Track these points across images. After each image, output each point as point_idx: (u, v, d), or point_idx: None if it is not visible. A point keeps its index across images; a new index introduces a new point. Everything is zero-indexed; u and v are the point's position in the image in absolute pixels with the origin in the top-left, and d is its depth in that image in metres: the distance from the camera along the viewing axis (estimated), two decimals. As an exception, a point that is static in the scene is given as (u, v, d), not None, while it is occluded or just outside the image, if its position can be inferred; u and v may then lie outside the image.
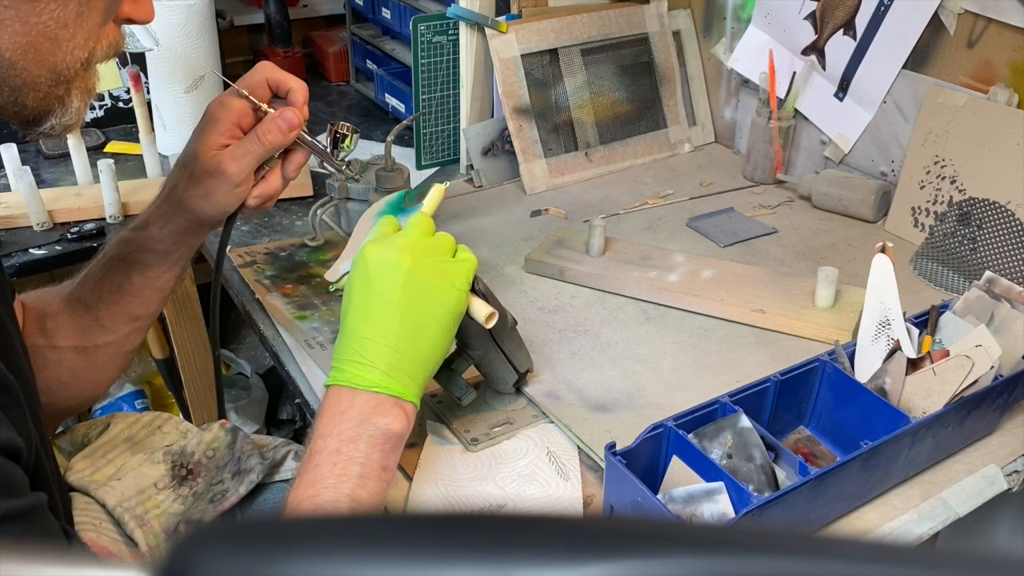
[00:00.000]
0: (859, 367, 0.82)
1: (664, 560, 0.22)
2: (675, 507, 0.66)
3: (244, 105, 0.77)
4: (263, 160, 0.78)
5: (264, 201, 0.81)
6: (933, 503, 0.77)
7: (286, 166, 0.81)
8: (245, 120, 0.77)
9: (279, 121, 0.76)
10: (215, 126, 0.76)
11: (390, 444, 0.66)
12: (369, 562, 0.23)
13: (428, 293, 0.68)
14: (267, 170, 0.80)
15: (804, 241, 1.20)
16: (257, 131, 0.77)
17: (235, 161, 0.76)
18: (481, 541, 0.23)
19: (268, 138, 0.76)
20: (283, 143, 0.78)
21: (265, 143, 0.76)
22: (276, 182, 0.81)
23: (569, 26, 1.35)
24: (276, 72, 0.78)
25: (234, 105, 0.77)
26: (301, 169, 0.82)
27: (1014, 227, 1.06)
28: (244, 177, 0.77)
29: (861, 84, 1.25)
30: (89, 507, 0.78)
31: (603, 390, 0.90)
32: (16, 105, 0.59)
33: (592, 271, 1.08)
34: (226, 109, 0.77)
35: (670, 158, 1.45)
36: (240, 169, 0.76)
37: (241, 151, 0.76)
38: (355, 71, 1.79)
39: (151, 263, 0.81)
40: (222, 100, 0.77)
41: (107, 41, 0.62)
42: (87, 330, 0.82)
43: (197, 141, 0.77)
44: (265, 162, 0.79)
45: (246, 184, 0.78)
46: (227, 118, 0.76)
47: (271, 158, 0.79)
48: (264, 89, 0.78)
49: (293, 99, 0.79)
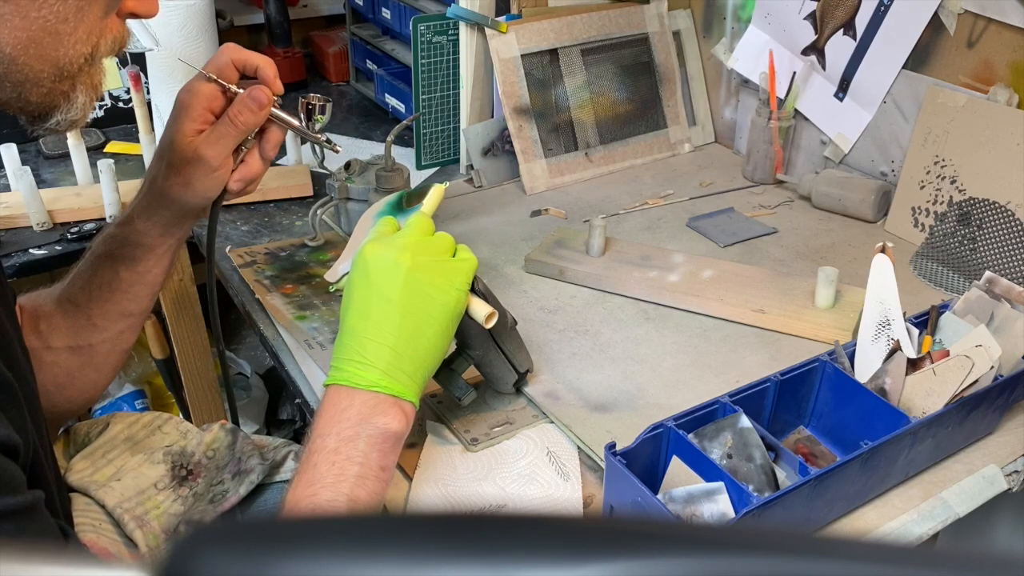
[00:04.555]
0: (859, 367, 0.82)
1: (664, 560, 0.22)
2: (675, 507, 0.66)
3: (213, 89, 0.76)
4: (239, 142, 0.78)
5: (246, 184, 0.80)
6: (933, 503, 0.77)
7: (263, 145, 0.80)
8: (216, 104, 0.77)
9: (248, 101, 0.76)
10: (187, 113, 0.76)
11: (389, 444, 0.66)
12: (369, 562, 0.23)
13: (428, 293, 0.68)
14: (245, 152, 0.79)
15: (804, 241, 1.20)
16: (229, 113, 0.76)
17: (211, 146, 0.76)
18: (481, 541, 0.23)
19: (241, 119, 0.76)
20: (256, 122, 0.77)
21: (238, 124, 0.76)
22: (256, 163, 0.80)
23: (569, 26, 1.35)
24: (241, 52, 0.78)
25: (203, 90, 0.76)
26: (279, 147, 0.81)
27: (1014, 227, 1.06)
28: (222, 161, 0.77)
29: (861, 84, 1.25)
30: (89, 508, 0.78)
31: (603, 390, 0.90)
32: (20, 101, 0.59)
33: (592, 271, 1.08)
34: (195, 95, 0.76)
35: (670, 158, 1.45)
36: (217, 153, 0.76)
37: (216, 135, 0.76)
38: (355, 71, 1.79)
39: (139, 257, 0.81)
40: (190, 87, 0.77)
41: (111, 36, 0.62)
42: (80, 329, 0.81)
43: (171, 130, 0.77)
44: (243, 144, 0.79)
45: (225, 168, 0.78)
46: (197, 104, 0.76)
47: (248, 139, 0.79)
48: (231, 70, 0.77)
49: (262, 76, 0.78)
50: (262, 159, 0.80)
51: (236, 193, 0.80)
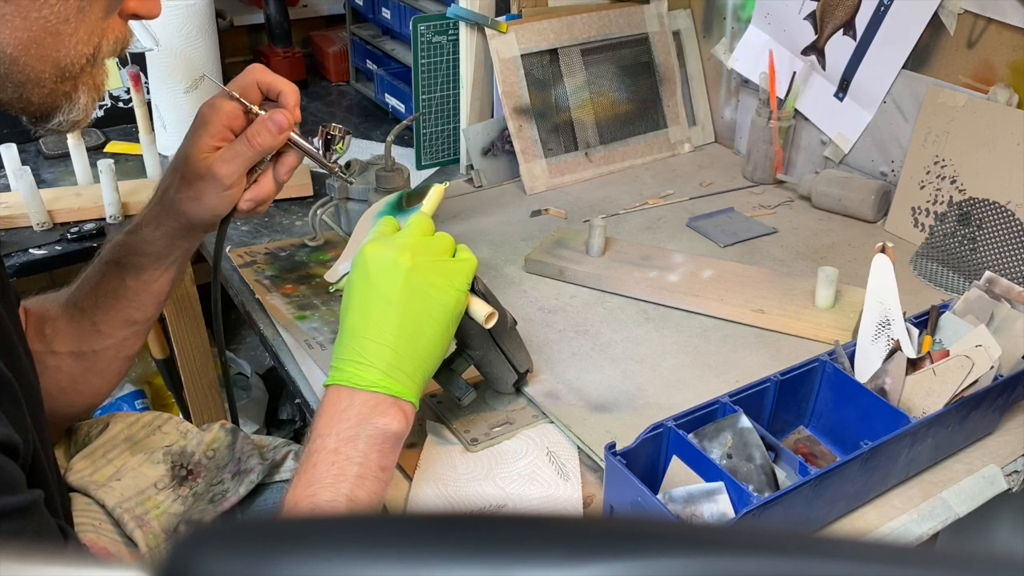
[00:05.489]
0: (859, 367, 0.82)
1: (664, 560, 0.22)
2: (675, 507, 0.66)
3: (235, 107, 0.77)
4: (254, 163, 0.78)
5: (256, 205, 0.80)
6: (933, 503, 0.77)
7: (278, 169, 0.80)
8: (236, 122, 0.77)
9: (269, 124, 0.76)
10: (206, 128, 0.76)
11: (388, 444, 0.66)
12: (368, 562, 0.23)
13: (428, 293, 0.68)
14: (259, 173, 0.80)
15: (804, 241, 1.20)
16: (247, 134, 0.76)
17: (225, 164, 0.76)
18: (481, 541, 0.23)
19: (258, 140, 0.76)
20: (273, 145, 0.77)
21: (255, 146, 0.76)
22: (268, 185, 0.80)
23: (569, 26, 1.35)
24: (267, 75, 0.78)
25: (225, 107, 0.76)
26: (293, 172, 0.82)
27: (1014, 227, 1.06)
28: (235, 180, 0.77)
29: (861, 84, 1.25)
30: (89, 508, 0.78)
31: (603, 390, 0.90)
32: (22, 101, 0.59)
33: (592, 271, 1.08)
34: (216, 111, 0.76)
35: (670, 158, 1.45)
36: (230, 172, 0.76)
37: (231, 154, 0.76)
38: (355, 71, 1.79)
39: (145, 266, 0.81)
40: (213, 103, 0.77)
41: (113, 36, 0.62)
42: (84, 335, 0.81)
43: (188, 144, 0.77)
44: (257, 165, 0.79)
45: (237, 187, 0.78)
46: (218, 120, 0.76)
47: (263, 161, 0.79)
48: (255, 91, 0.78)
49: (284, 101, 0.78)
50: (275, 182, 0.81)
51: (246, 212, 0.80)
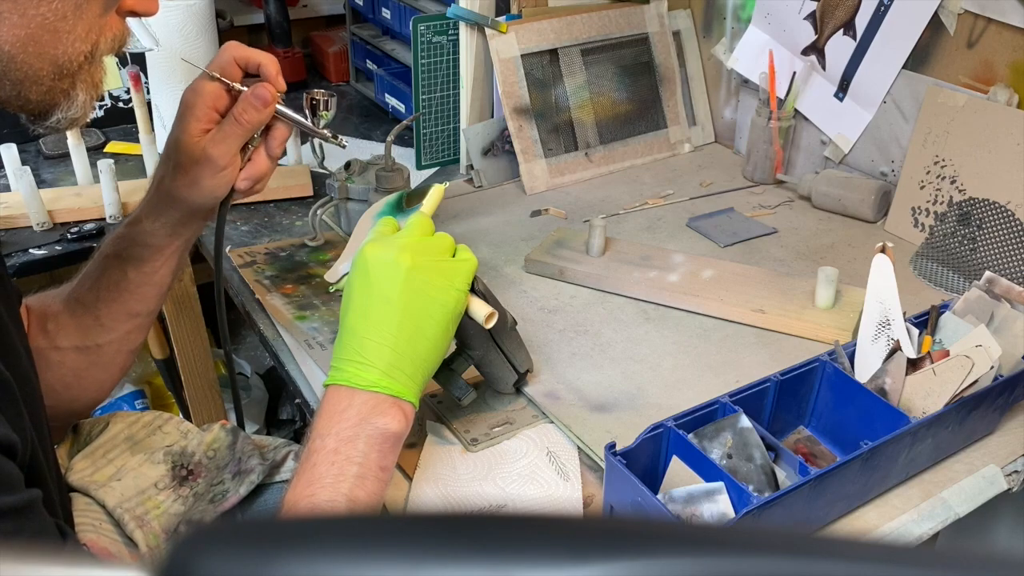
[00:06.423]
0: (859, 367, 0.82)
1: (664, 560, 0.22)
2: (675, 507, 0.66)
3: (217, 88, 0.76)
4: (245, 140, 0.78)
5: (254, 183, 0.80)
6: (933, 503, 0.77)
7: (269, 143, 0.80)
8: (220, 102, 0.77)
9: (252, 99, 0.76)
10: (192, 113, 0.76)
11: (388, 444, 0.66)
12: (368, 562, 0.23)
13: (428, 293, 0.68)
14: (252, 150, 0.79)
15: (804, 241, 1.20)
16: (234, 112, 0.76)
17: (217, 145, 0.76)
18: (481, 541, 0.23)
19: (246, 117, 0.76)
20: (262, 119, 0.77)
21: (243, 123, 0.76)
22: (263, 161, 0.80)
23: (569, 26, 1.35)
24: (243, 50, 0.78)
25: (207, 89, 0.76)
26: (284, 144, 0.81)
27: (1014, 227, 1.06)
28: (229, 160, 0.77)
29: (861, 84, 1.25)
30: (89, 508, 0.78)
31: (603, 390, 0.90)
32: (20, 99, 0.59)
33: (592, 271, 1.08)
34: (199, 94, 0.76)
35: (670, 158, 1.45)
36: (224, 152, 0.76)
37: (222, 134, 0.76)
38: (355, 71, 1.79)
39: (146, 258, 0.81)
40: (194, 86, 0.77)
41: (111, 33, 0.62)
42: (87, 329, 0.81)
43: (178, 130, 0.77)
44: (249, 142, 0.79)
45: (232, 167, 0.78)
46: (202, 103, 0.76)
47: (254, 137, 0.79)
48: (234, 68, 0.77)
49: (265, 73, 0.78)
50: (269, 157, 0.80)
51: (244, 192, 0.80)
